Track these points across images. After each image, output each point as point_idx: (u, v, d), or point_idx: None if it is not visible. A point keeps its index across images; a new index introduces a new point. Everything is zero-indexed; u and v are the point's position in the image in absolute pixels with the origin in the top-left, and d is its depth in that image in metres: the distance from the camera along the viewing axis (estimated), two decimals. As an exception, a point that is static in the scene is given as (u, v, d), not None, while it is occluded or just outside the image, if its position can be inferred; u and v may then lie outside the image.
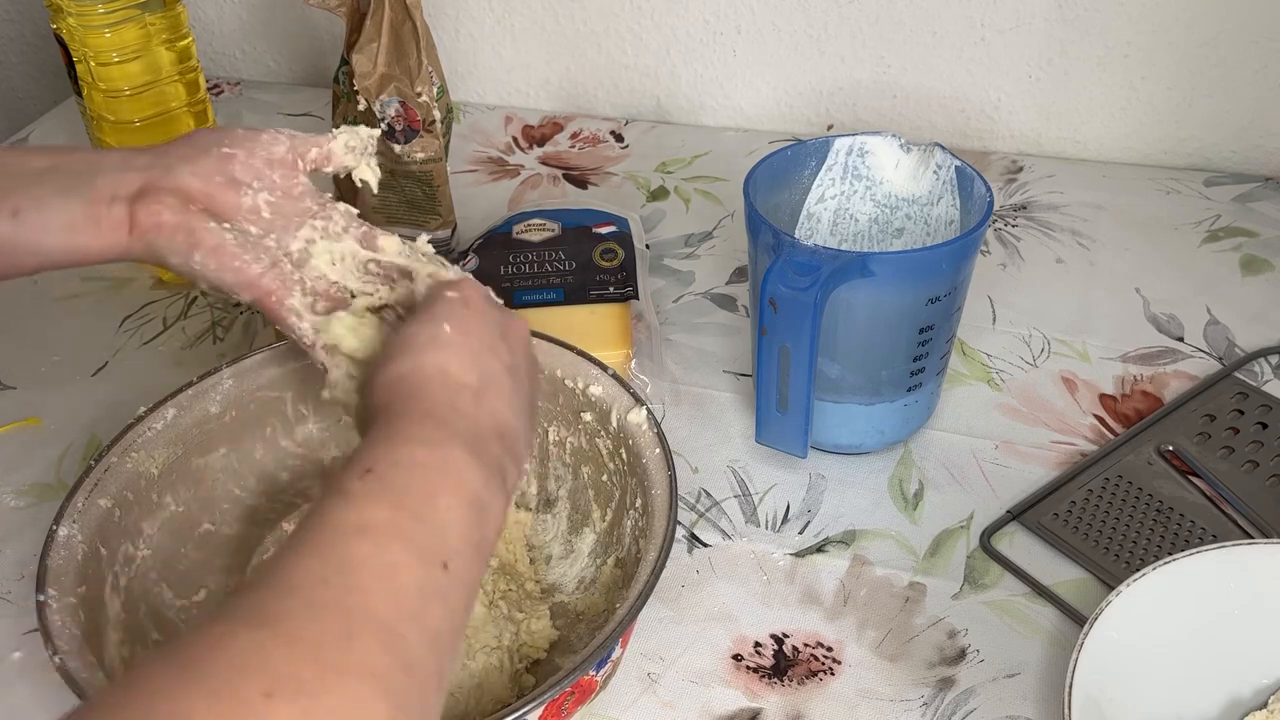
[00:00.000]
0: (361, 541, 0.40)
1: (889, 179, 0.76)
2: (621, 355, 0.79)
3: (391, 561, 0.40)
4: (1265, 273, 0.90)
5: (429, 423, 0.46)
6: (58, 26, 0.84)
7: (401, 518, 0.42)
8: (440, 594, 0.41)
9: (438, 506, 0.43)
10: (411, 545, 0.41)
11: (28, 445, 0.79)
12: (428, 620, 0.40)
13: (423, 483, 0.44)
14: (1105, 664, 0.55)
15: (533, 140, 1.11)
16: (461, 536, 0.43)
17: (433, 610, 0.40)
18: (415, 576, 0.40)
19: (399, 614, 0.39)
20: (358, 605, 0.38)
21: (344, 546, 0.40)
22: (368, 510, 0.41)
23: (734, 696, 0.62)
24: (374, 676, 0.36)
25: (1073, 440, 0.76)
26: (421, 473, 0.44)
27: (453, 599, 0.41)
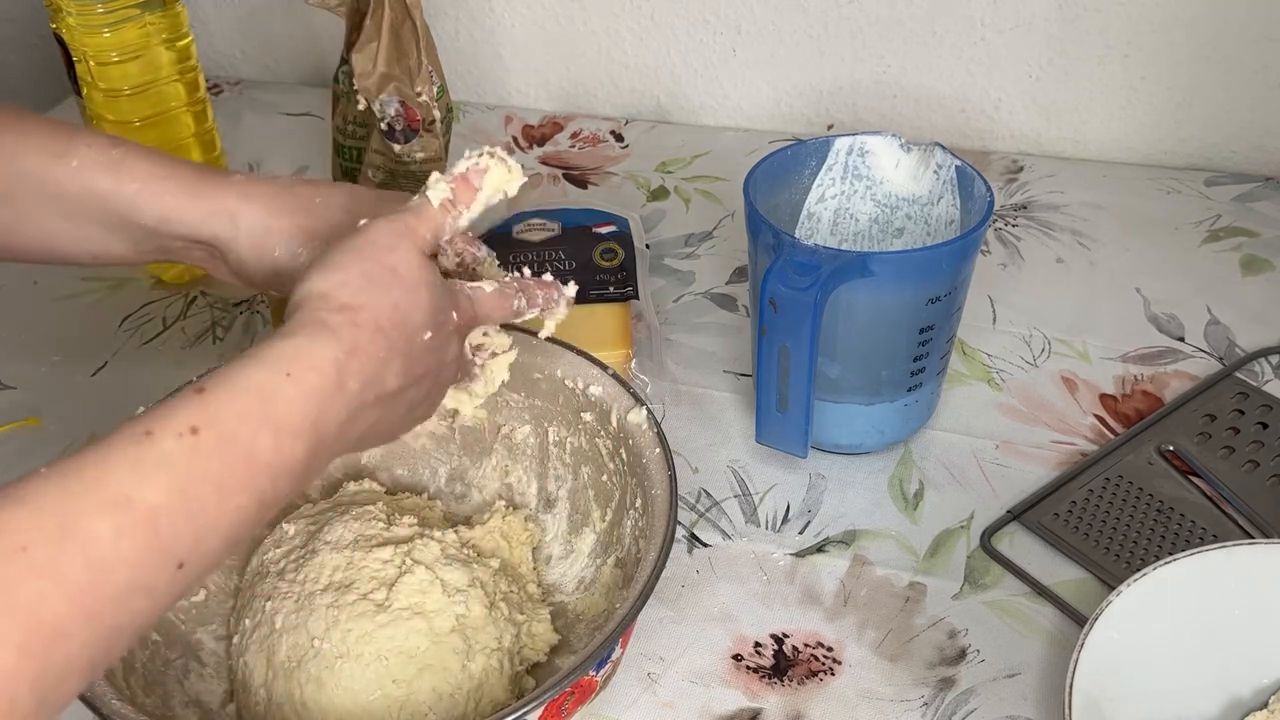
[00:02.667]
0: (105, 519, 0.37)
1: (889, 179, 0.76)
2: (621, 355, 0.79)
3: (119, 555, 0.37)
4: (1265, 272, 0.90)
5: (309, 405, 0.44)
6: (57, 26, 0.84)
7: (174, 506, 0.39)
8: (152, 594, 0.39)
9: (226, 505, 0.41)
10: (158, 541, 0.38)
11: (28, 445, 0.79)
12: (113, 621, 0.37)
13: (234, 475, 0.41)
14: (1105, 664, 0.55)
15: (533, 140, 1.11)
16: (225, 538, 0.41)
17: (129, 610, 0.38)
18: (134, 576, 0.38)
19: (76, 614, 0.36)
20: (32, 593, 0.35)
21: (82, 516, 0.37)
22: (147, 483, 0.39)
23: (734, 696, 0.62)
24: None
25: (1073, 440, 0.76)
26: (243, 465, 0.42)
27: (166, 598, 0.40)
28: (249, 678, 0.59)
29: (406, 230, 0.51)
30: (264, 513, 0.43)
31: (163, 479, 0.39)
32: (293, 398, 0.44)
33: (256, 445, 0.42)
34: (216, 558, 0.41)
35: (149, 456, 0.39)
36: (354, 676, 0.57)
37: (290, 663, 0.58)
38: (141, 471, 0.39)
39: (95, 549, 0.37)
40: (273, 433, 0.43)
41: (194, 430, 0.40)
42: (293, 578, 0.60)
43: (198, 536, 0.40)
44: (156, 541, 0.39)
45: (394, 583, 0.59)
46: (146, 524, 0.38)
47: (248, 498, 0.42)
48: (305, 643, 0.58)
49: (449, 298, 0.53)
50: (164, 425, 0.40)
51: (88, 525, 0.37)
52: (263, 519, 0.43)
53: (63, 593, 0.36)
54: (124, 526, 0.38)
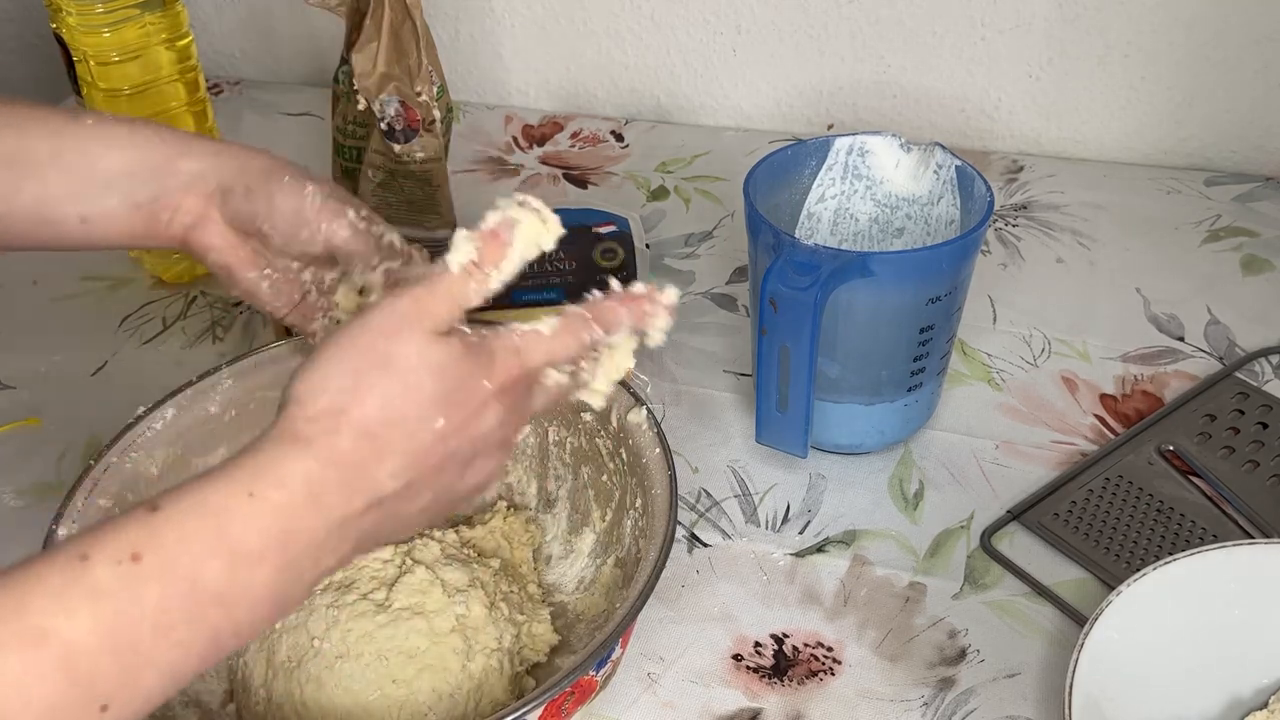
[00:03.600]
0: (14, 655, 0.35)
1: (889, 179, 0.76)
2: (621, 355, 0.79)
3: (28, 698, 0.35)
4: (1266, 272, 0.90)
5: (273, 525, 0.41)
6: (57, 26, 0.84)
7: (96, 646, 0.36)
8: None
9: (164, 640, 0.38)
10: (76, 684, 0.36)
11: (28, 445, 0.79)
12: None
13: (177, 609, 0.38)
14: (1105, 664, 0.55)
15: (533, 140, 1.11)
16: (161, 675, 0.38)
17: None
18: (44, 717, 0.35)
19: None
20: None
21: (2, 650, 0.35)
22: (71, 617, 0.36)
23: (734, 696, 0.62)
24: None
25: (1073, 440, 0.76)
26: (187, 597, 0.38)
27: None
28: (249, 677, 0.59)
29: (414, 311, 0.45)
30: (220, 644, 0.40)
31: (87, 612, 0.36)
32: (251, 517, 0.40)
33: (203, 573, 0.39)
34: (157, 692, 0.38)
35: (80, 584, 0.36)
36: (354, 676, 0.57)
37: (290, 662, 0.58)
38: (66, 602, 0.36)
39: (2, 687, 0.34)
40: (226, 558, 0.39)
41: (134, 558, 0.37)
42: (293, 578, 0.60)
43: (127, 674, 0.37)
44: (72, 683, 0.36)
45: (394, 583, 0.60)
46: (61, 665, 0.35)
47: (192, 632, 0.38)
48: (305, 642, 0.58)
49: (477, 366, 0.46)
50: (103, 549, 0.37)
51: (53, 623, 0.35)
52: (222, 651, 0.40)
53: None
54: (38, 664, 0.35)
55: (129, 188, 0.57)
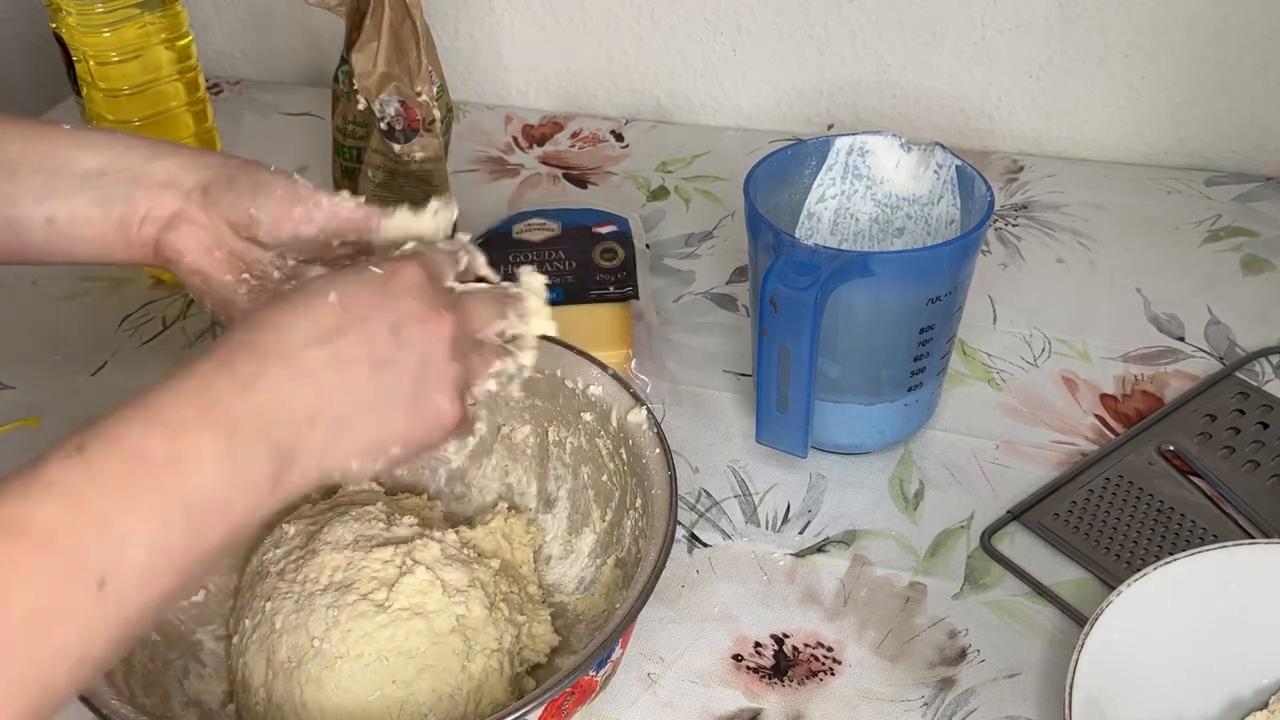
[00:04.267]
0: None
1: (889, 178, 0.75)
2: (621, 355, 0.79)
3: (18, 579, 0.35)
4: (1266, 272, 0.90)
5: (194, 396, 0.42)
6: (57, 26, 0.84)
7: (70, 522, 0.37)
8: (76, 617, 0.37)
9: (132, 511, 0.39)
10: (61, 559, 0.37)
11: (28, 445, 0.78)
12: (33, 651, 0.35)
13: (132, 478, 0.39)
14: (1105, 664, 0.55)
15: (533, 140, 1.11)
16: (152, 548, 0.39)
17: (51, 638, 0.36)
18: (41, 600, 0.36)
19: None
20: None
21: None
22: (37, 506, 0.37)
23: (734, 696, 0.62)
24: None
25: (1073, 440, 0.76)
26: (136, 465, 0.40)
27: (99, 621, 0.37)
28: (249, 678, 0.59)
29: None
30: (196, 516, 0.40)
31: (52, 499, 0.37)
32: (174, 394, 0.42)
33: (146, 445, 0.40)
34: (154, 570, 0.39)
35: (36, 482, 0.38)
36: (354, 677, 0.57)
37: (290, 663, 0.58)
38: (30, 496, 0.37)
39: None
40: (162, 427, 0.41)
41: (79, 448, 0.39)
42: (293, 578, 0.60)
43: (111, 547, 0.38)
44: (59, 559, 0.37)
45: (394, 583, 0.59)
46: (43, 544, 0.36)
47: (157, 498, 0.40)
48: (305, 643, 0.58)
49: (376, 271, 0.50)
50: (51, 450, 0.39)
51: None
52: (196, 524, 0.41)
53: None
54: (19, 550, 0.36)
55: (101, 187, 0.55)
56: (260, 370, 0.44)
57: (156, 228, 0.56)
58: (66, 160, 0.55)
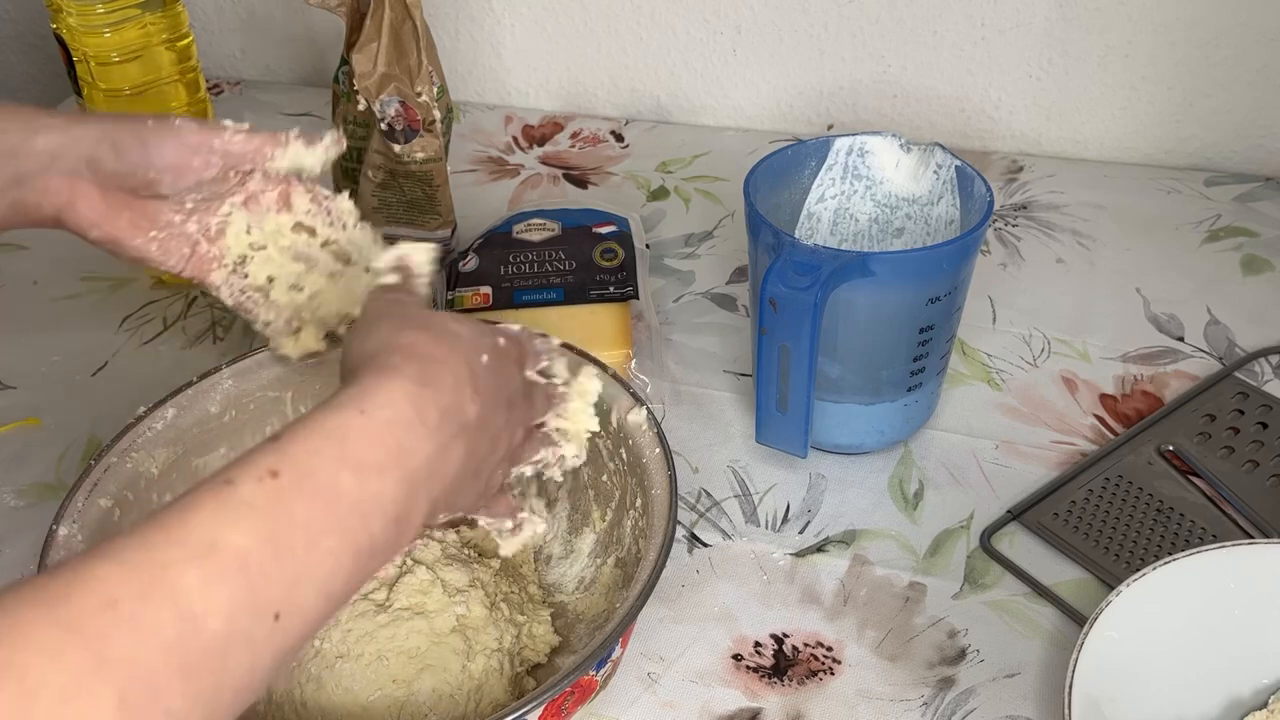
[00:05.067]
0: (193, 568, 0.35)
1: (889, 179, 0.76)
2: (621, 355, 0.79)
3: (211, 605, 0.35)
4: (1265, 273, 0.90)
5: (389, 437, 0.42)
6: (58, 26, 0.84)
7: (262, 552, 0.37)
8: (251, 647, 0.37)
9: (317, 549, 0.39)
10: (250, 588, 0.36)
11: (28, 445, 0.79)
12: (212, 676, 0.35)
13: (322, 515, 0.39)
14: (1105, 664, 0.55)
15: (533, 140, 1.11)
16: (320, 588, 0.39)
17: (228, 665, 0.36)
18: (229, 627, 0.36)
19: (172, 667, 0.34)
20: (125, 648, 0.33)
21: (169, 567, 0.35)
22: (232, 528, 0.37)
23: (734, 696, 0.62)
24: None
25: (1073, 440, 0.76)
26: (328, 503, 0.40)
27: (265, 652, 0.37)
28: (249, 678, 0.59)
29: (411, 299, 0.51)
30: (361, 562, 0.40)
31: (247, 523, 0.37)
32: (368, 432, 0.42)
33: (339, 484, 0.40)
34: (314, 612, 0.39)
35: (231, 502, 0.38)
36: (354, 676, 0.57)
37: (290, 662, 0.58)
38: (225, 517, 0.37)
39: (184, 599, 0.35)
40: (353, 470, 0.41)
41: (273, 474, 0.39)
42: (293, 578, 0.60)
43: (290, 583, 0.38)
44: (247, 587, 0.36)
45: (394, 583, 0.60)
46: (236, 570, 0.36)
47: (338, 540, 0.40)
48: (305, 643, 0.58)
49: (486, 326, 0.51)
50: (243, 472, 0.39)
51: (174, 576, 0.35)
52: (362, 571, 0.41)
53: (156, 647, 0.34)
54: (212, 574, 0.36)
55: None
56: (441, 420, 0.44)
57: (55, 209, 0.57)
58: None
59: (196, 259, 0.62)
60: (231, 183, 0.61)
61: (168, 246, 0.61)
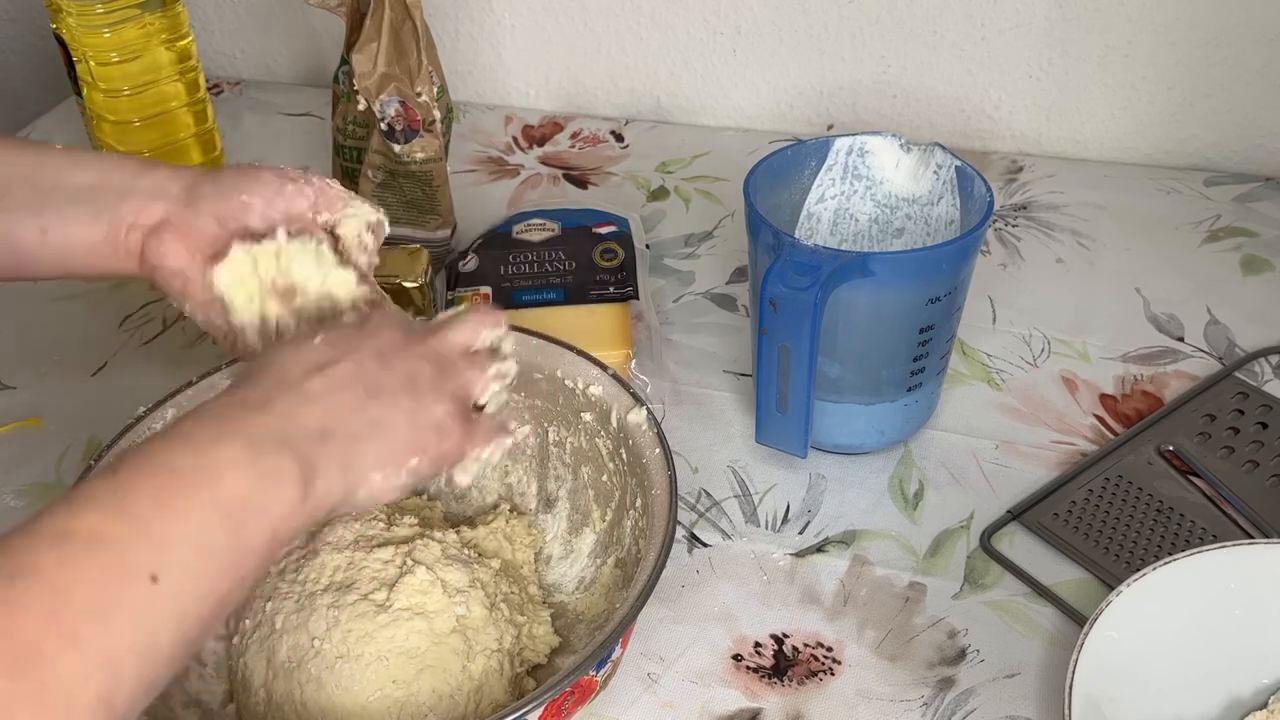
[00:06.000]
0: (48, 552, 0.38)
1: (889, 179, 0.76)
2: (621, 355, 0.79)
3: (73, 577, 0.38)
4: (1265, 273, 0.90)
5: (216, 420, 0.45)
6: (58, 26, 0.84)
7: (113, 526, 0.40)
8: (134, 611, 0.39)
9: (169, 511, 0.41)
10: (110, 557, 0.39)
11: (28, 445, 0.79)
12: (100, 642, 0.37)
13: (163, 487, 0.42)
14: (1105, 664, 0.55)
15: (533, 140, 1.11)
16: (196, 545, 0.41)
17: (114, 630, 0.38)
18: (99, 594, 0.38)
19: (52, 636, 0.36)
20: (5, 623, 0.36)
21: (27, 555, 0.38)
22: (78, 517, 0.40)
23: (734, 696, 0.62)
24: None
25: (1073, 440, 0.76)
26: (167, 478, 0.42)
27: (157, 614, 0.39)
28: (249, 678, 0.59)
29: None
30: (233, 515, 0.42)
31: (92, 509, 0.40)
32: (192, 423, 0.45)
33: (173, 461, 0.43)
34: (203, 567, 0.41)
35: (75, 500, 0.41)
36: (354, 677, 0.57)
37: (290, 663, 0.58)
38: (72, 510, 0.40)
39: (48, 577, 0.37)
40: (186, 446, 0.43)
41: (113, 471, 0.42)
42: (293, 578, 0.60)
43: (157, 546, 0.40)
44: (108, 558, 0.39)
45: (395, 583, 0.59)
46: (91, 545, 0.39)
47: (190, 501, 0.42)
48: (305, 643, 0.58)
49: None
50: (85, 480, 0.43)
51: (34, 560, 0.38)
52: (244, 523, 0.43)
53: (29, 619, 0.36)
54: (69, 552, 0.38)
55: (92, 200, 0.58)
56: (268, 397, 0.47)
57: (142, 234, 0.58)
58: (60, 176, 0.58)
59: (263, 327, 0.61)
60: (319, 227, 0.61)
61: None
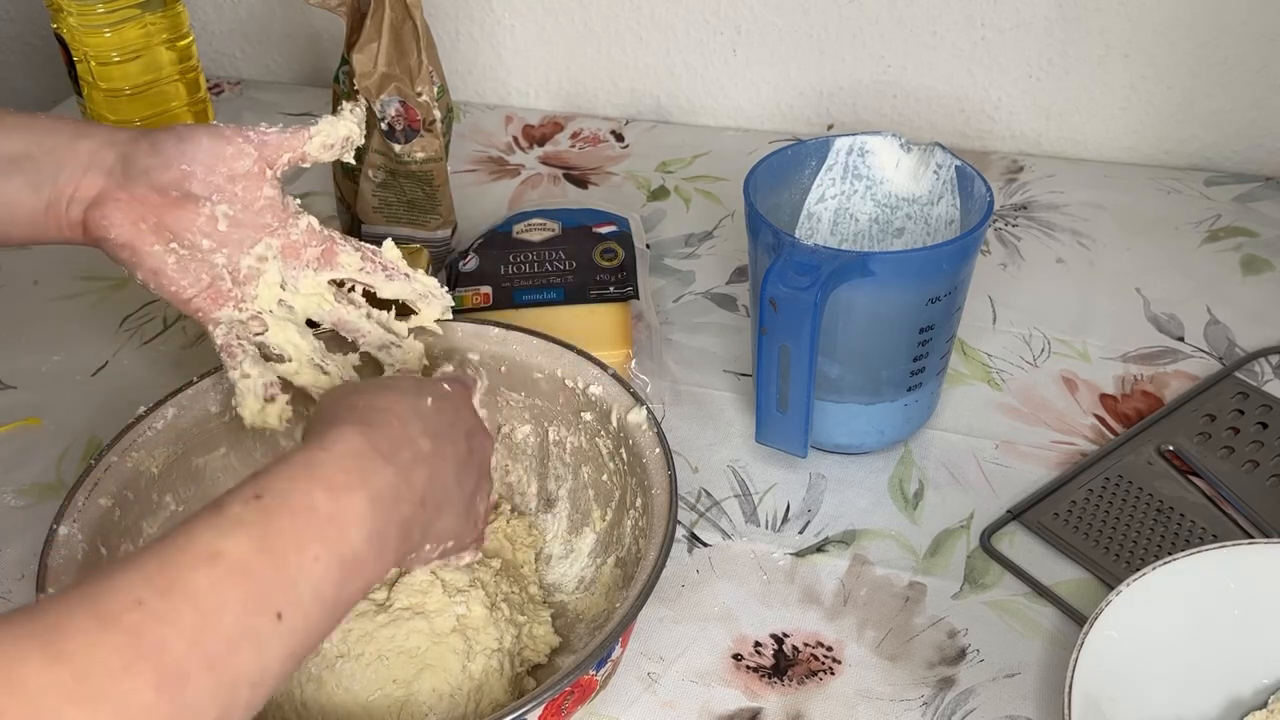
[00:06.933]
0: (202, 571, 0.39)
1: (889, 179, 0.76)
2: (621, 355, 0.79)
3: (221, 601, 0.39)
4: (1265, 272, 0.90)
5: (349, 463, 0.46)
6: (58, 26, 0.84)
7: (258, 558, 0.41)
8: (259, 643, 0.40)
9: (304, 554, 0.42)
10: (253, 588, 0.40)
11: (28, 445, 0.79)
12: (229, 668, 0.39)
13: (304, 527, 0.43)
14: (1105, 664, 0.55)
15: (533, 140, 1.11)
16: (315, 591, 0.42)
17: (241, 659, 0.39)
18: (239, 621, 0.39)
19: (196, 656, 0.37)
20: (155, 638, 0.37)
21: (181, 571, 0.39)
22: (230, 539, 0.41)
23: (734, 696, 0.62)
24: (128, 716, 0.35)
25: (1073, 440, 0.76)
26: (307, 517, 0.43)
27: (273, 650, 0.41)
28: (249, 677, 0.59)
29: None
30: (346, 570, 0.44)
31: (241, 534, 0.41)
32: (331, 460, 0.46)
33: (314, 501, 0.44)
34: (314, 614, 0.42)
35: (225, 521, 0.41)
36: (354, 676, 0.57)
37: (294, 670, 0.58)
38: (221, 532, 0.41)
39: (199, 598, 0.39)
40: (324, 489, 0.44)
41: (257, 496, 0.43)
42: (293, 577, 0.60)
43: (287, 585, 0.41)
44: (250, 588, 0.40)
45: (394, 582, 0.60)
46: (239, 572, 0.40)
47: (321, 548, 0.43)
48: (305, 642, 0.58)
49: (427, 379, 0.57)
50: (231, 498, 0.43)
51: (187, 578, 0.39)
52: (349, 582, 0.44)
53: (180, 637, 0.37)
54: (218, 576, 0.39)
55: (30, 171, 0.57)
56: (393, 449, 0.48)
57: (82, 207, 0.58)
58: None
59: (213, 291, 0.61)
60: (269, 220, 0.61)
61: (186, 265, 0.60)
